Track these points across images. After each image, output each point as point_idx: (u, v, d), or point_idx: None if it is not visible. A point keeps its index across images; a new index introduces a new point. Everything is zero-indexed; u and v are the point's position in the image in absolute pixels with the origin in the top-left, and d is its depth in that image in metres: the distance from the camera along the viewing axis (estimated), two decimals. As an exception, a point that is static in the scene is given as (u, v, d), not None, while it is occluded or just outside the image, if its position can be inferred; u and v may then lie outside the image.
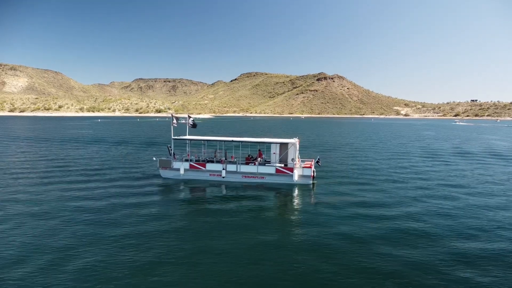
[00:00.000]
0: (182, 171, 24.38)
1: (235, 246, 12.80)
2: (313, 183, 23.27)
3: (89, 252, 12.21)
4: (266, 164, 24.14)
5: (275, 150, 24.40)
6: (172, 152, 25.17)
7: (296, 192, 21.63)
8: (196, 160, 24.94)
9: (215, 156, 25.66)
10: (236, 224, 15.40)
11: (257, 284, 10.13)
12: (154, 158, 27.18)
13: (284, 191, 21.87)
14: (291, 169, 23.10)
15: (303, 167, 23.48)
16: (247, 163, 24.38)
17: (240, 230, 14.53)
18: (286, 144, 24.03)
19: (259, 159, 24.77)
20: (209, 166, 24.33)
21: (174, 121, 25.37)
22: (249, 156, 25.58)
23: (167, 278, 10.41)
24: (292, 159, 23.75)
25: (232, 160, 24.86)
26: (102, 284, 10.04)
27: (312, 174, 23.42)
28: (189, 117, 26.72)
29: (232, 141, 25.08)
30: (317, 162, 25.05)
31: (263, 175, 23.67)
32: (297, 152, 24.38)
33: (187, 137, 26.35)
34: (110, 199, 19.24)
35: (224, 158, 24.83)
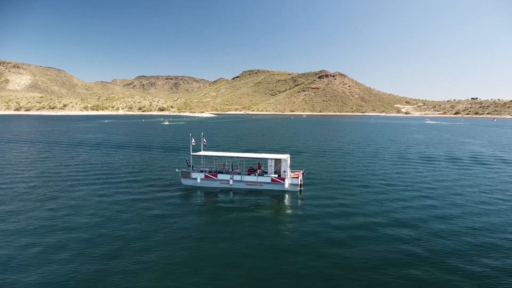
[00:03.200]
0: (198, 180, 31.41)
1: (239, 239, 19.68)
2: (300, 190, 30.12)
3: (120, 246, 19.13)
4: (264, 175, 31.04)
5: (271, 163, 31.32)
6: (191, 165, 32.19)
7: (286, 197, 28.52)
8: (209, 171, 31.93)
9: (224, 168, 32.70)
10: (240, 221, 22.28)
11: (255, 271, 16.99)
12: (176, 170, 34.19)
13: (277, 196, 28.77)
14: (283, 179, 30.02)
15: (292, 177, 30.43)
16: (249, 174, 31.28)
17: (243, 226, 21.42)
18: (280, 159, 30.94)
19: (258, 170, 31.71)
20: (220, 176, 31.31)
21: (193, 140, 32.34)
22: (251, 168, 32.52)
23: (181, 263, 17.30)
24: (284, 171, 30.64)
25: (238, 171, 31.84)
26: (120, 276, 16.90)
27: (300, 182, 30.33)
28: (203, 137, 33.88)
29: (238, 157, 32.14)
30: (303, 173, 32.01)
31: (261, 183, 30.62)
32: (288, 165, 31.24)
33: (202, 153, 33.31)
34: (143, 201, 26.18)
35: (231, 170, 31.83)
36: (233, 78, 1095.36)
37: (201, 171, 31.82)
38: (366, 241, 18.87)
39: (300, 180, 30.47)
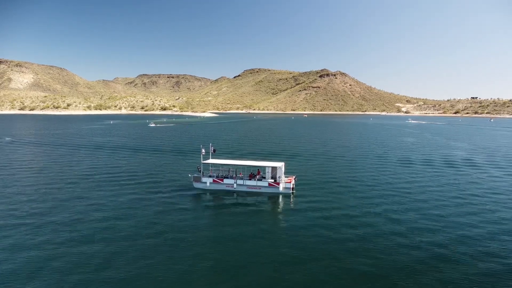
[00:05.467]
0: (208, 184, 37.49)
1: (241, 232, 25.63)
2: (292, 192, 36.11)
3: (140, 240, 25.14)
4: (262, 180, 37.06)
5: (268, 170, 37.32)
6: (201, 171, 38.31)
7: (280, 198, 34.58)
8: (217, 176, 38.01)
9: (229, 174, 38.79)
10: (242, 217, 28.21)
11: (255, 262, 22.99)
12: (189, 175, 40.30)
13: (273, 197, 34.80)
14: (278, 183, 36.06)
15: (286, 182, 36.47)
16: (250, 179, 37.32)
17: (244, 222, 27.34)
18: (276, 167, 36.94)
19: (258, 176, 37.75)
20: (226, 181, 37.37)
21: (203, 151, 38.46)
22: (251, 174, 38.55)
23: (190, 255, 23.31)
24: (279, 177, 36.65)
25: (240, 176, 37.92)
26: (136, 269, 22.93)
27: (292, 186, 36.35)
28: (212, 146, 40.03)
29: (240, 165, 38.29)
30: (295, 178, 38.06)
31: (260, 187, 36.63)
32: (283, 171, 37.20)
33: (211, 161, 39.38)
34: (162, 201, 32.17)
35: (235, 175, 37.91)
36: (235, 77, 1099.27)
37: (210, 176, 37.91)
38: (345, 233, 24.89)
39: (293, 184, 36.51)
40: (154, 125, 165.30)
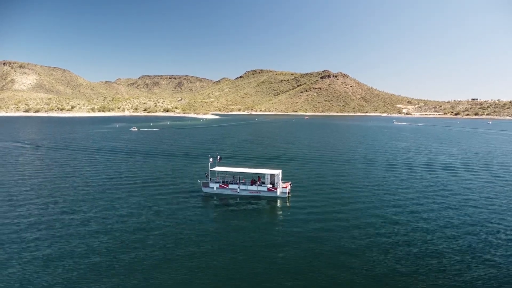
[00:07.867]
0: (215, 188, 42.85)
1: (244, 229, 30.90)
2: (288, 196, 41.38)
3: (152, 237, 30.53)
4: (262, 185, 42.40)
5: (267, 177, 42.65)
6: (209, 177, 43.75)
7: (278, 201, 39.87)
8: (222, 182, 43.44)
9: (233, 180, 44.23)
10: (245, 217, 33.42)
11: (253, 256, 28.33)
12: (198, 181, 45.75)
13: (271, 200, 40.04)
14: (276, 188, 41.40)
15: (283, 187, 41.81)
16: (251, 184, 42.67)
17: (247, 221, 32.56)
18: (274, 174, 42.30)
19: (258, 182, 43.11)
20: (230, 186, 42.70)
21: (210, 160, 43.94)
22: (252, 180, 43.93)
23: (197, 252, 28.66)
24: (277, 182, 41.96)
25: (243, 182, 43.29)
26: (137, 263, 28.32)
27: (288, 191, 41.67)
28: (218, 155, 45.51)
29: (243, 172, 43.78)
30: (290, 184, 43.42)
31: (260, 191, 41.94)
32: (280, 178, 42.48)
33: (217, 169, 44.71)
34: (175, 204, 37.42)
35: (238, 181, 43.32)
36: (236, 78, 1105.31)
37: (217, 182, 43.35)
38: (333, 229, 30.19)
39: (288, 189, 41.90)
40: (136, 129, 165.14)
